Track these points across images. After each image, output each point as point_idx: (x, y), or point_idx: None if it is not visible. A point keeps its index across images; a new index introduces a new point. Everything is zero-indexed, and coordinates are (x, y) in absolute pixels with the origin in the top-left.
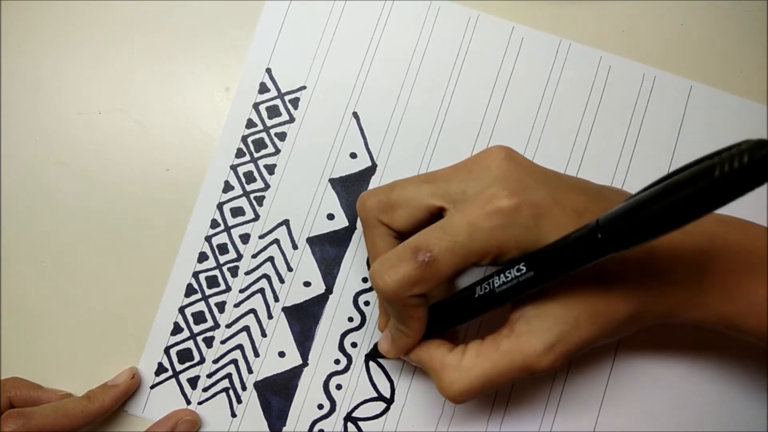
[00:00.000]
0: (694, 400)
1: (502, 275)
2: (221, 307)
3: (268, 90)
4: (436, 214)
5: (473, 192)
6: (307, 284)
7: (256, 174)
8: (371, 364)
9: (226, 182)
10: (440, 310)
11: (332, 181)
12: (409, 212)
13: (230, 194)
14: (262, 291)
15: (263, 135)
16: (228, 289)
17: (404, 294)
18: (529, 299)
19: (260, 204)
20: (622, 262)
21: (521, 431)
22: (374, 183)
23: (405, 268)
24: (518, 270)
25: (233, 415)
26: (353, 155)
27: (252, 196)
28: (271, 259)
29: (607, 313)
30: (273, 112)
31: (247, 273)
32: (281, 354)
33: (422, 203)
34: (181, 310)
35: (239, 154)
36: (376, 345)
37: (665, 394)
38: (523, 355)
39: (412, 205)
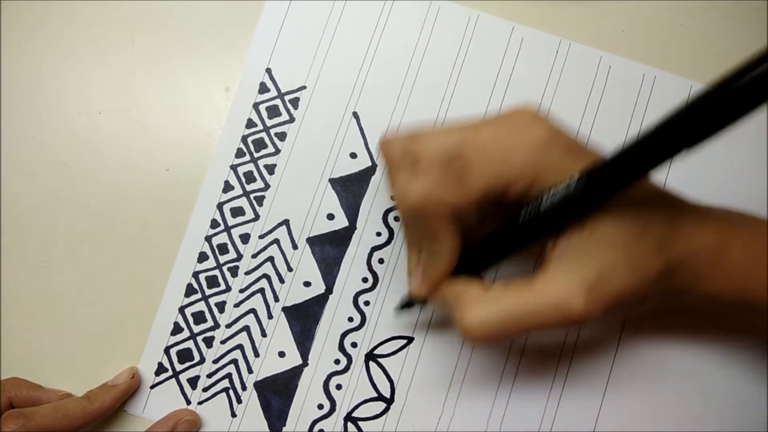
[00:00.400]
0: (696, 383)
1: (551, 190)
2: (221, 307)
3: (268, 90)
4: None
5: (505, 135)
6: (307, 284)
7: (256, 174)
8: (371, 364)
9: (226, 182)
10: (479, 248)
11: (332, 181)
12: (434, 154)
13: (230, 194)
14: (262, 291)
15: (263, 135)
16: (228, 289)
17: (433, 203)
18: (566, 237)
19: (260, 204)
20: (654, 217)
21: (521, 431)
22: (374, 183)
23: (435, 172)
24: (570, 179)
25: (233, 415)
26: (353, 155)
27: (252, 196)
28: (271, 259)
29: (640, 263)
30: (273, 112)
31: (247, 273)
32: (281, 354)
33: (449, 146)
34: (181, 310)
35: (239, 154)
36: (403, 299)
37: (669, 380)
38: (557, 293)
39: (439, 147)
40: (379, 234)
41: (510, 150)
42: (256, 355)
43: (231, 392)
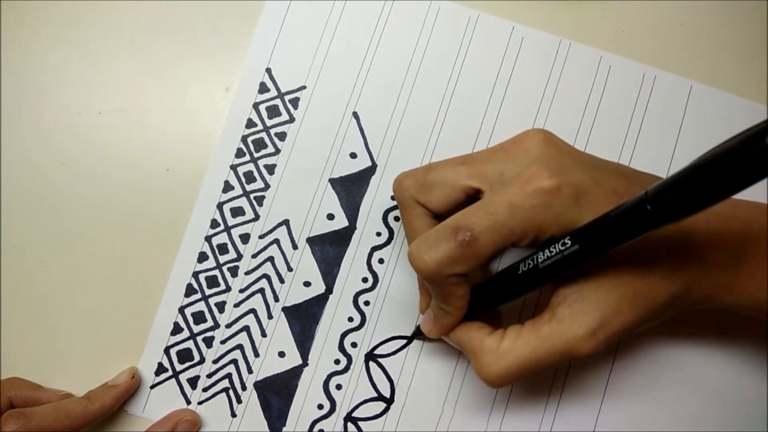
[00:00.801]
0: (696, 382)
1: (546, 250)
2: (221, 307)
3: (268, 90)
4: (473, 196)
5: (511, 173)
6: (307, 284)
7: (256, 174)
8: (371, 364)
9: (226, 182)
10: (482, 290)
11: (332, 181)
12: (446, 193)
13: (230, 194)
14: (262, 291)
15: (263, 135)
16: (228, 289)
17: (444, 273)
18: (571, 280)
19: (260, 204)
20: (661, 246)
21: (521, 431)
22: (374, 183)
23: (445, 247)
24: (563, 244)
25: (233, 415)
26: (353, 155)
27: (252, 196)
28: (271, 259)
29: (648, 296)
30: (273, 111)
31: (247, 273)
32: (281, 354)
33: (459, 184)
34: (181, 310)
35: (239, 154)
36: (418, 327)
37: (669, 378)
38: (563, 339)
39: (449, 185)
40: (379, 234)
41: (513, 207)
42: (256, 355)
43: (231, 392)
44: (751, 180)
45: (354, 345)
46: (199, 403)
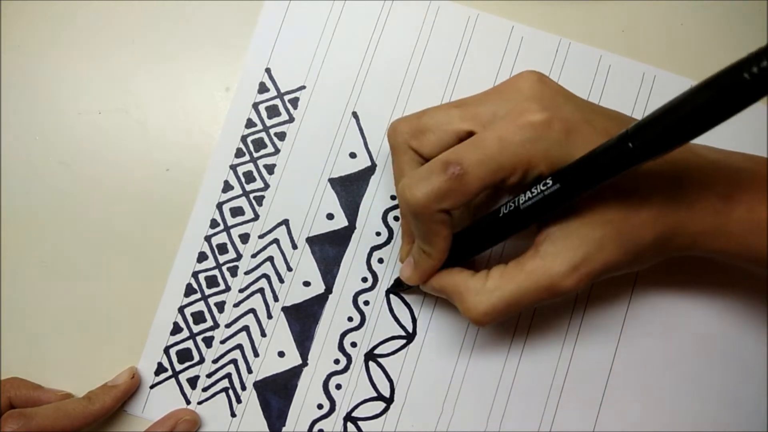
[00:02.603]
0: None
1: (527, 191)
2: (221, 306)
3: (267, 90)
4: (465, 139)
5: (504, 113)
6: (306, 284)
7: (255, 174)
8: (371, 363)
9: (226, 182)
10: (464, 237)
11: (332, 180)
12: (439, 136)
13: (230, 194)
14: (261, 291)
15: (263, 135)
16: (227, 288)
17: (433, 207)
18: (555, 219)
19: (260, 204)
20: (649, 188)
21: (521, 431)
22: (374, 183)
23: (435, 180)
24: (544, 185)
25: (233, 415)
26: (353, 155)
27: (251, 195)
28: (270, 258)
29: (632, 236)
30: (272, 111)
31: (247, 273)
32: (281, 354)
33: (452, 127)
34: (181, 309)
35: (239, 153)
36: (396, 279)
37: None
38: (547, 275)
39: (442, 129)
40: (378, 234)
41: (503, 142)
42: (256, 355)
43: (230, 392)
44: (727, 113)
45: (354, 345)
46: (199, 403)
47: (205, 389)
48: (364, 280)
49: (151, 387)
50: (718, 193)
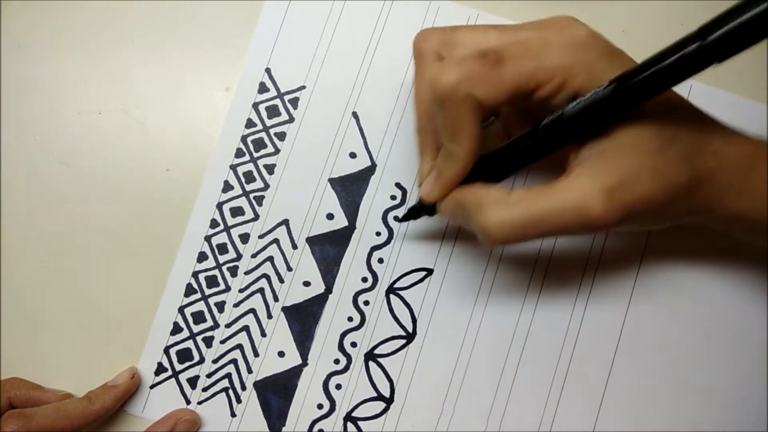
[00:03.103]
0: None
1: (575, 99)
2: (221, 306)
3: (267, 90)
4: None
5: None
6: (306, 284)
7: (255, 174)
8: (371, 363)
9: (226, 182)
10: (497, 154)
11: (332, 180)
12: (472, 51)
13: (230, 194)
14: (261, 291)
15: (263, 135)
16: (227, 288)
17: (463, 90)
18: (591, 148)
19: (260, 204)
20: (682, 128)
21: (521, 431)
22: (374, 183)
23: (470, 64)
24: (598, 87)
25: (233, 414)
26: (353, 155)
27: (251, 195)
28: (270, 258)
29: (668, 173)
30: (272, 111)
31: (247, 273)
32: (281, 354)
33: (487, 44)
34: (181, 309)
35: (239, 153)
36: (411, 207)
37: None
38: (578, 195)
39: (477, 44)
40: (378, 234)
41: (545, 47)
42: (256, 354)
43: (230, 392)
44: None
45: (354, 345)
46: (199, 402)
47: (205, 389)
48: (364, 280)
49: (151, 387)
50: (741, 150)
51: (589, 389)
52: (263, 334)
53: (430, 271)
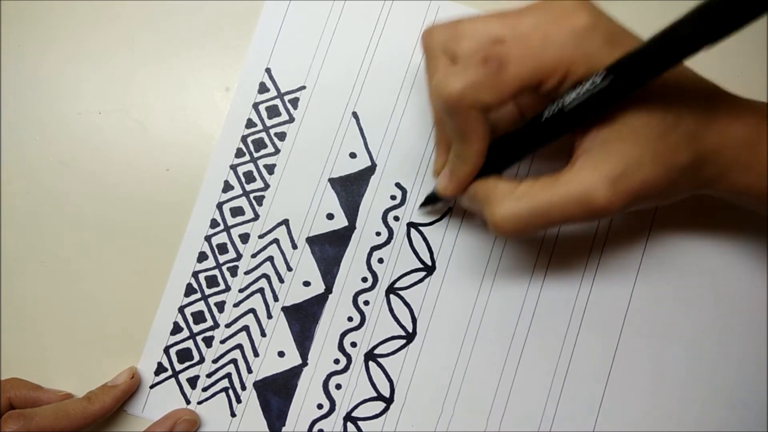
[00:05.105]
0: (697, 382)
1: (574, 91)
2: (221, 306)
3: (267, 90)
4: None
5: (547, 20)
6: (306, 284)
7: (255, 174)
8: (371, 363)
9: (226, 182)
10: (502, 143)
11: (332, 180)
12: (477, 41)
13: (230, 194)
14: (261, 291)
15: (263, 135)
16: (227, 288)
17: (469, 98)
18: (593, 137)
19: (260, 204)
20: (685, 110)
21: (520, 431)
22: (374, 183)
23: (473, 71)
24: (596, 77)
25: (233, 414)
26: (353, 155)
27: (252, 195)
28: (270, 258)
29: (669, 156)
30: (273, 111)
31: (247, 273)
32: (281, 354)
33: (490, 35)
34: (181, 309)
35: (239, 153)
36: (428, 195)
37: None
38: (582, 186)
39: (480, 34)
40: (378, 233)
41: (545, 43)
42: (256, 354)
43: (230, 392)
44: None
45: (353, 345)
46: (199, 402)
47: (205, 389)
48: (364, 280)
49: (151, 387)
50: (747, 124)
51: (589, 389)
52: (263, 334)
53: (430, 271)
